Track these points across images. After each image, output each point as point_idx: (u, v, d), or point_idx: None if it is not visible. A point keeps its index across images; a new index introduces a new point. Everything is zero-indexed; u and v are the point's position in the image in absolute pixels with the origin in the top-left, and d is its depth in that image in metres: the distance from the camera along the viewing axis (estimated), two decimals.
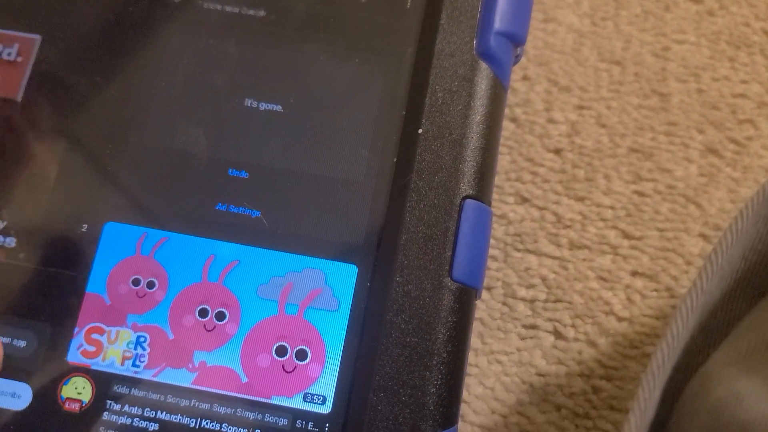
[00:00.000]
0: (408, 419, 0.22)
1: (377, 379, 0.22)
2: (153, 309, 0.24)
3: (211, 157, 0.25)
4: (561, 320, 0.28)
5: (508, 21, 0.25)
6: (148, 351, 0.23)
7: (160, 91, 0.26)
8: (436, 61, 0.24)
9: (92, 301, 0.24)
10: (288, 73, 0.25)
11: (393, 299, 0.23)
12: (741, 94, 0.31)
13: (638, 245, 0.29)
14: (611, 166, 0.30)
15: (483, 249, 0.24)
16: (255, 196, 0.24)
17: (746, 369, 0.21)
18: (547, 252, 0.29)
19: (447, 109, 0.24)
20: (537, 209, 0.29)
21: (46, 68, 0.26)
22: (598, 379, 0.27)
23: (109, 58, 0.26)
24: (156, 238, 0.24)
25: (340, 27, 0.26)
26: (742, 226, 0.22)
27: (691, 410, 0.21)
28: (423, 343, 0.22)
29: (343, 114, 0.25)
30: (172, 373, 0.23)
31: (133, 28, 0.26)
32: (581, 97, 0.31)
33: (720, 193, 0.29)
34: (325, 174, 0.24)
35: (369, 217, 0.24)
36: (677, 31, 0.32)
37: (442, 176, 0.24)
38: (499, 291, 0.28)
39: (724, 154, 0.30)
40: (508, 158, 0.30)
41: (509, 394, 0.27)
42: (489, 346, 0.27)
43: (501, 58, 0.25)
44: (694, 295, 0.21)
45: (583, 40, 0.32)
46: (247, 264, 0.24)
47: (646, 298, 0.28)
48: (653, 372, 0.20)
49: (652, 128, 0.30)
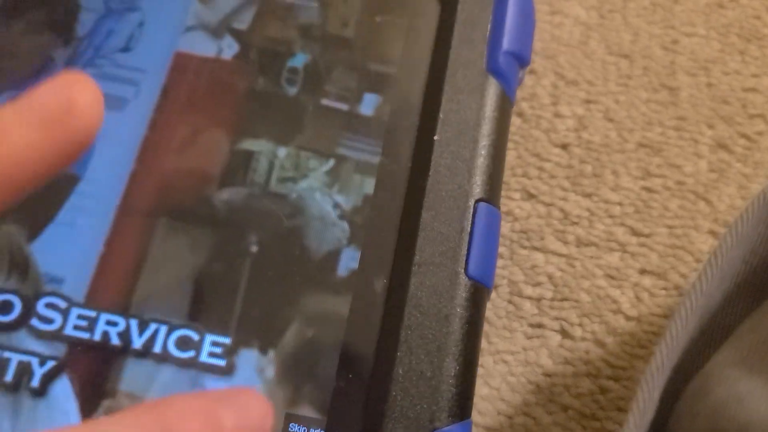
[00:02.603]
0: (425, 410, 0.22)
1: (397, 370, 0.22)
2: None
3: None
4: (568, 319, 0.27)
5: (515, 41, 0.27)
6: None
7: None
8: (450, 76, 0.26)
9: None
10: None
11: (411, 293, 0.23)
12: (752, 88, 0.31)
13: (647, 242, 0.28)
14: (619, 162, 0.29)
15: (494, 249, 0.25)
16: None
17: (747, 370, 0.21)
18: (553, 249, 0.28)
19: (460, 118, 0.26)
20: (543, 205, 0.29)
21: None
22: (606, 379, 0.26)
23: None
24: None
25: (358, 43, 0.28)
26: (743, 229, 0.22)
27: (691, 411, 0.21)
28: (440, 336, 0.23)
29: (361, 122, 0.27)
30: None
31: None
32: (588, 91, 0.31)
33: (730, 189, 0.29)
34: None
35: (387, 216, 0.25)
36: (686, 24, 0.32)
37: (457, 180, 0.25)
38: (504, 289, 0.28)
39: (734, 150, 0.30)
40: (514, 153, 0.30)
41: (515, 394, 0.26)
42: (494, 345, 0.27)
43: (508, 75, 0.27)
44: (694, 296, 0.21)
45: (590, 32, 0.32)
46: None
47: (654, 296, 0.27)
48: (652, 372, 0.20)
49: (661, 123, 0.30)
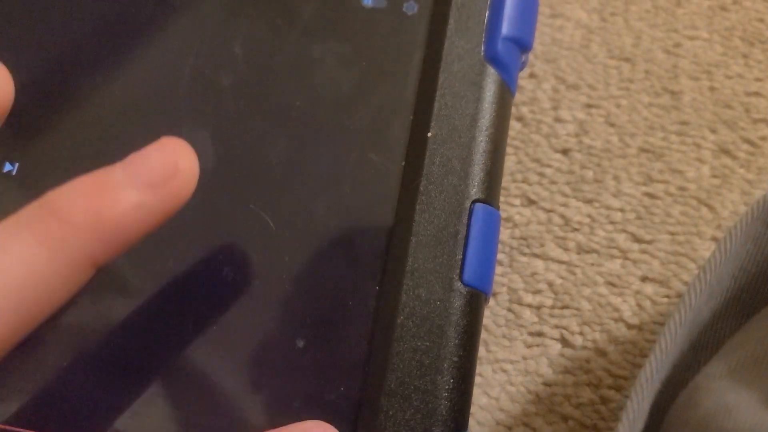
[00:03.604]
0: (420, 423, 0.21)
1: (388, 384, 0.21)
2: None
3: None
4: (568, 327, 0.27)
5: (515, 26, 0.25)
6: None
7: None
8: (445, 66, 0.24)
9: None
10: (294, 77, 0.25)
11: (404, 303, 0.22)
12: (755, 92, 0.30)
13: (649, 249, 0.28)
14: (621, 167, 0.29)
15: (492, 253, 0.23)
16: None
17: (735, 383, 0.21)
18: (554, 256, 0.28)
19: (456, 112, 0.24)
20: (544, 212, 0.28)
21: None
22: (607, 389, 0.26)
23: None
24: None
25: (347, 32, 0.25)
26: (731, 245, 0.22)
27: (679, 421, 0.21)
28: (434, 347, 0.22)
29: (351, 117, 0.24)
30: None
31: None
32: (590, 95, 0.30)
33: (733, 195, 0.28)
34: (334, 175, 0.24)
35: (377, 219, 0.23)
36: (689, 27, 0.31)
37: (452, 179, 0.23)
38: (504, 297, 0.27)
39: (737, 155, 0.29)
40: (514, 159, 0.29)
41: (514, 404, 0.26)
42: (493, 354, 0.26)
43: (508, 63, 0.24)
44: (683, 310, 0.21)
45: (591, 36, 0.31)
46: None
47: (656, 304, 0.27)
48: (641, 384, 0.20)
49: (663, 127, 0.30)
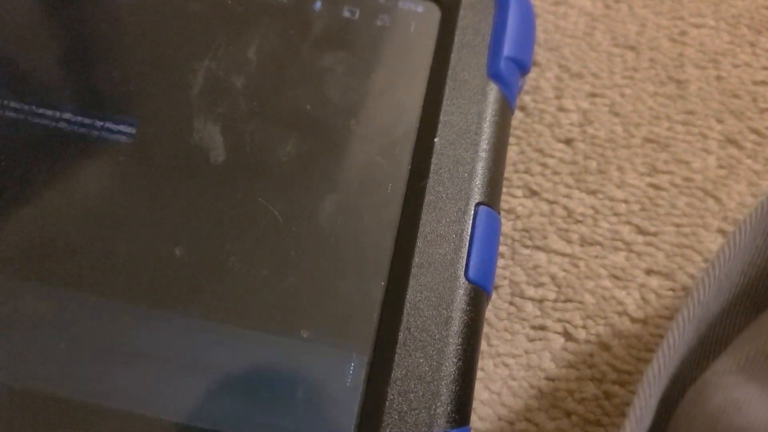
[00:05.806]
0: (423, 416, 0.21)
1: (393, 375, 0.22)
2: None
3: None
4: (571, 321, 0.26)
5: (515, 48, 0.27)
6: None
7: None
8: (450, 80, 0.26)
9: None
10: (305, 86, 0.26)
11: (410, 296, 0.23)
12: (762, 81, 0.29)
13: (653, 241, 0.27)
14: (625, 158, 0.28)
15: (494, 254, 0.24)
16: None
17: (745, 378, 0.21)
18: (556, 249, 0.27)
19: (461, 120, 0.25)
20: (546, 203, 0.28)
21: None
22: (611, 383, 0.25)
23: None
24: None
25: (362, 47, 0.27)
26: (741, 240, 0.22)
27: (688, 417, 0.21)
28: (438, 340, 0.22)
29: (361, 123, 0.26)
30: None
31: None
32: (594, 84, 0.30)
33: (740, 186, 0.28)
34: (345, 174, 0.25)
35: (384, 217, 0.24)
36: (695, 15, 0.31)
37: (458, 182, 0.24)
38: (506, 290, 0.27)
39: (744, 145, 0.29)
40: (516, 149, 0.29)
41: (516, 399, 0.25)
42: (495, 348, 0.26)
43: (509, 80, 0.26)
44: (691, 306, 0.21)
45: (595, 23, 0.31)
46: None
47: (661, 297, 0.26)
48: (649, 380, 0.20)
49: (668, 117, 0.29)
